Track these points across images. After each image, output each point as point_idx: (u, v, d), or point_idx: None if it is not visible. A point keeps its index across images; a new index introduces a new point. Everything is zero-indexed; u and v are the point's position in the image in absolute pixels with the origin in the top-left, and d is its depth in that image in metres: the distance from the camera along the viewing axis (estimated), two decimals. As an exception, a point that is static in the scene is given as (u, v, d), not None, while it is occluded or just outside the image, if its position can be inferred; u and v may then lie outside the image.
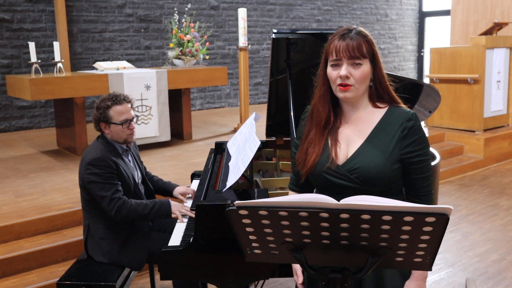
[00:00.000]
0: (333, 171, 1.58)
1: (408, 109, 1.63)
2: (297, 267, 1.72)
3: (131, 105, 2.67)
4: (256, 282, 2.58)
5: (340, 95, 1.58)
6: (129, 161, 2.72)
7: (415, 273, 1.61)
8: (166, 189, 2.91)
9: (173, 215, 2.56)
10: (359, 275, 1.28)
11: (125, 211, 2.48)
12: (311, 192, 1.80)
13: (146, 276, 3.38)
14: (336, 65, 1.55)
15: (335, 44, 1.54)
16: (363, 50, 1.54)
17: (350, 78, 1.54)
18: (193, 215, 2.42)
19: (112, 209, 2.47)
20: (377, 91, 1.62)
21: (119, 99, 2.61)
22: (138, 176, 2.76)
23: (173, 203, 2.56)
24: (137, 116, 2.71)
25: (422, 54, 12.33)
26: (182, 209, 2.51)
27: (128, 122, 2.62)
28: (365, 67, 1.55)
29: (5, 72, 6.79)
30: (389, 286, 1.63)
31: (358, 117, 1.63)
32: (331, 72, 1.57)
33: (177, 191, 2.86)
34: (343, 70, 1.53)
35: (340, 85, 1.55)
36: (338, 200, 1.16)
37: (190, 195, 2.83)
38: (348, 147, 1.61)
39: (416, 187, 1.62)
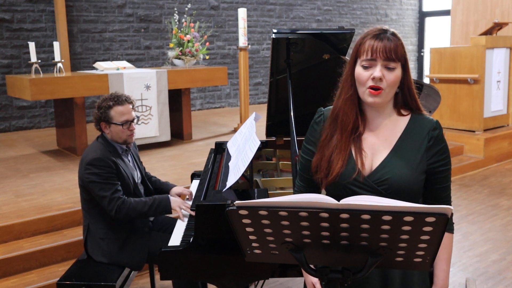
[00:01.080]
0: (360, 183, 1.49)
1: (431, 117, 1.57)
2: (314, 281, 1.61)
3: (133, 106, 2.67)
4: (256, 282, 2.58)
5: (369, 99, 1.48)
6: (129, 161, 2.72)
7: (438, 283, 1.60)
8: (164, 189, 2.91)
9: (173, 211, 2.56)
10: (359, 275, 1.28)
11: (125, 210, 2.48)
12: None
13: (146, 276, 3.38)
14: (368, 66, 1.46)
15: (371, 44, 1.46)
16: (399, 53, 1.47)
17: (383, 81, 1.45)
18: (193, 213, 2.42)
19: (112, 209, 2.47)
20: (405, 98, 1.54)
21: (121, 99, 2.61)
22: (137, 176, 2.76)
23: (172, 199, 2.56)
24: (137, 117, 2.71)
25: (422, 54, 12.33)
26: (182, 205, 2.51)
27: (128, 123, 2.62)
28: (398, 71, 1.48)
29: (5, 72, 6.79)
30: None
31: (382, 125, 1.54)
32: (361, 72, 1.47)
33: (173, 192, 2.86)
34: (377, 71, 1.45)
35: (371, 88, 1.46)
36: (338, 201, 1.16)
37: (187, 197, 2.82)
38: (373, 157, 1.52)
39: (437, 196, 1.57)
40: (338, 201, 1.16)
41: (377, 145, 1.53)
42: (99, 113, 2.61)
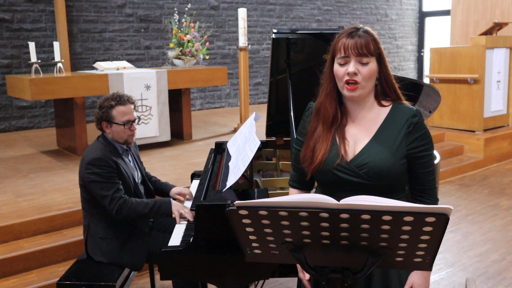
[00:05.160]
0: (343, 167, 1.59)
1: (412, 106, 1.65)
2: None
3: (134, 106, 2.68)
4: (256, 282, 2.58)
5: (347, 94, 1.58)
6: (129, 161, 2.72)
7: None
8: (163, 190, 2.91)
9: (173, 215, 2.56)
10: (359, 275, 1.28)
11: (126, 210, 2.47)
12: (312, 188, 1.83)
13: (146, 276, 3.38)
14: (344, 63, 1.56)
15: (344, 42, 1.56)
16: (371, 48, 1.55)
17: (358, 75, 1.55)
18: (191, 218, 2.42)
19: (113, 209, 2.47)
20: (384, 89, 1.64)
21: (123, 99, 2.61)
22: (138, 176, 2.76)
23: (174, 203, 2.56)
24: (138, 117, 2.71)
25: (422, 54, 12.33)
26: (181, 210, 2.50)
27: (130, 123, 2.62)
28: (372, 65, 1.57)
29: (5, 72, 6.79)
30: (395, 282, 1.65)
31: (364, 116, 1.64)
32: (338, 69, 1.58)
33: (173, 192, 2.86)
34: (351, 66, 1.54)
35: (347, 82, 1.56)
36: (339, 200, 1.17)
37: (187, 197, 2.82)
38: (356, 145, 1.62)
39: (421, 181, 1.64)
40: (327, 194, 1.16)
41: (359, 134, 1.64)
42: (100, 113, 2.61)
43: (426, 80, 7.95)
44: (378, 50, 1.58)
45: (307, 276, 1.69)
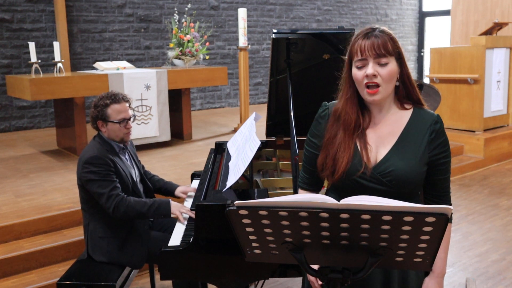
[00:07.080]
0: (366, 175, 1.54)
1: (432, 111, 1.61)
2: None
3: (129, 105, 2.67)
4: (256, 282, 2.58)
5: (368, 98, 1.53)
6: (126, 159, 2.72)
7: (435, 271, 1.63)
8: (168, 189, 2.91)
9: (172, 215, 2.55)
10: (359, 275, 1.28)
11: (123, 207, 2.47)
12: (320, 189, 1.78)
13: (146, 276, 3.38)
14: (362, 66, 1.51)
15: (360, 44, 1.51)
16: (389, 47, 1.50)
17: (377, 77, 1.50)
18: (193, 215, 2.42)
19: (110, 206, 2.47)
20: (406, 90, 1.59)
21: (117, 98, 2.61)
22: (136, 175, 2.75)
23: (173, 203, 2.55)
24: (134, 115, 2.71)
25: (422, 54, 12.33)
26: (181, 210, 2.50)
27: (125, 121, 2.62)
28: (392, 65, 1.51)
29: (5, 72, 6.79)
30: (413, 284, 1.63)
31: (386, 120, 1.59)
32: (356, 73, 1.53)
33: (178, 190, 2.86)
34: (370, 68, 1.49)
35: (367, 86, 1.51)
36: (343, 197, 1.17)
37: (191, 193, 2.82)
38: (378, 150, 1.57)
39: (437, 188, 1.62)
40: (342, 197, 1.16)
41: (381, 139, 1.58)
42: (96, 112, 2.61)
43: (426, 80, 7.96)
44: (397, 49, 1.52)
45: (320, 281, 1.62)
